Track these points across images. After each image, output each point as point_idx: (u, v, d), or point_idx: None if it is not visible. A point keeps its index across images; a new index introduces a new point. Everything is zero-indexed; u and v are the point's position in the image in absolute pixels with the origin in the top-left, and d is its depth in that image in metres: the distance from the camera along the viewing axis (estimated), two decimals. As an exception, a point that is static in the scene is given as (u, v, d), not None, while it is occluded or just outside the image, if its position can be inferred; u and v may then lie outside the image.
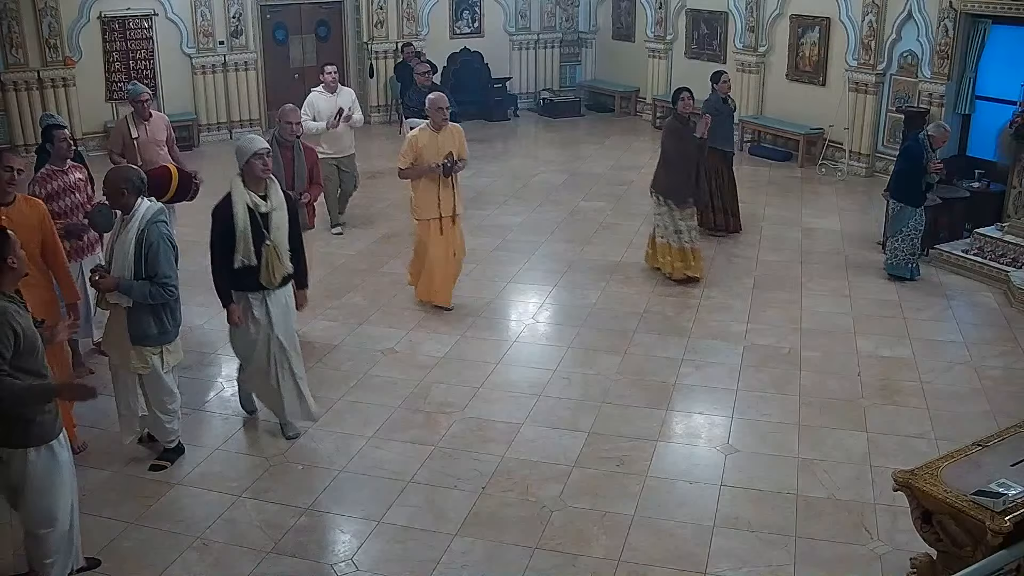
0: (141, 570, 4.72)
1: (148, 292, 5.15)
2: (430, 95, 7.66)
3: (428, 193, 7.60)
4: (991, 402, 6.44)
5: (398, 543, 4.93)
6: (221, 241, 5.53)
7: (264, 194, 5.56)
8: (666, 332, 7.59)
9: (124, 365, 5.39)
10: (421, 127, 7.60)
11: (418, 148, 7.47)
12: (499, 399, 6.50)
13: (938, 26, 11.22)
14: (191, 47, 14.38)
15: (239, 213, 5.44)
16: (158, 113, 8.73)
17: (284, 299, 5.79)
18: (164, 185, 7.25)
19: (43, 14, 13.03)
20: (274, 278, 5.60)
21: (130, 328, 5.25)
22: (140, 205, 5.19)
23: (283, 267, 5.64)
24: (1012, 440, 4.31)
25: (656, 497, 5.34)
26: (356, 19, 15.83)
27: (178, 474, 5.57)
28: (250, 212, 5.48)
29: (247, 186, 5.54)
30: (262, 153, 5.51)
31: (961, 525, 3.83)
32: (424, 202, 7.65)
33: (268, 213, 5.53)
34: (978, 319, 8.00)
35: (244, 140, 5.62)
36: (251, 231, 5.46)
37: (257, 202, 5.51)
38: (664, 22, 15.81)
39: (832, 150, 12.97)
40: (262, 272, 5.55)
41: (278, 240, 5.57)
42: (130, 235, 5.12)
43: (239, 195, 5.49)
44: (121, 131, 8.41)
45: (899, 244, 8.63)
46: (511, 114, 16.80)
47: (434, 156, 7.44)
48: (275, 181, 5.66)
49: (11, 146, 12.98)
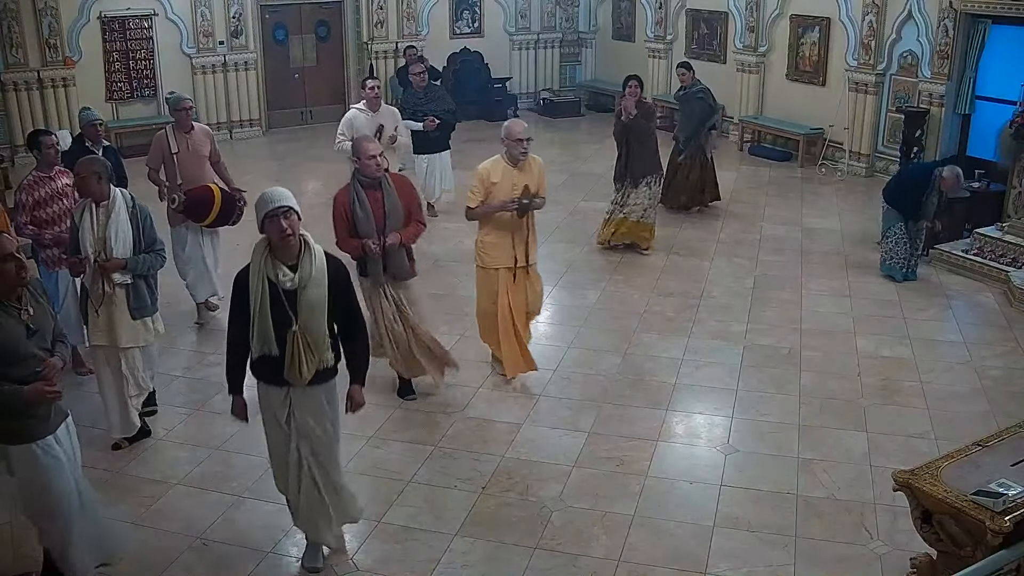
0: (141, 570, 4.72)
1: (151, 263, 5.61)
2: (507, 122, 6.47)
3: (500, 237, 6.45)
4: (991, 402, 6.44)
5: (398, 543, 4.93)
6: (238, 315, 4.42)
7: (294, 263, 4.31)
8: (666, 332, 7.59)
9: (133, 341, 5.67)
10: (495, 159, 6.41)
11: (489, 184, 6.33)
12: (499, 399, 6.50)
13: (938, 26, 11.22)
14: (191, 47, 14.38)
15: (255, 289, 4.30)
16: (200, 125, 7.94)
17: (319, 401, 4.50)
18: (206, 206, 7.20)
19: (43, 14, 13.04)
20: (301, 374, 4.35)
21: (134, 303, 5.60)
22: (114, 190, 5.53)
23: (315, 360, 4.36)
24: (1012, 440, 4.31)
25: (656, 497, 5.34)
26: (356, 19, 15.83)
27: (178, 474, 5.57)
28: (271, 287, 4.29)
29: (272, 253, 4.31)
30: (278, 213, 4.21)
31: (961, 525, 3.83)
32: (494, 247, 6.48)
33: (296, 290, 4.30)
34: (978, 319, 8.00)
35: (263, 195, 4.32)
36: (271, 313, 4.29)
37: (280, 275, 4.29)
38: (664, 22, 15.81)
39: (832, 150, 12.97)
40: (287, 365, 4.34)
41: (309, 325, 4.32)
42: (122, 216, 5.48)
43: (256, 265, 4.32)
44: (160, 146, 7.55)
45: (891, 246, 8.64)
46: (511, 114, 16.74)
47: (508, 193, 6.33)
48: (313, 247, 4.36)
49: (11, 146, 13.04)
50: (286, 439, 4.51)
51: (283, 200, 4.25)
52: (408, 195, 6.06)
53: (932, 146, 11.27)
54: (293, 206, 4.27)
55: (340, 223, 5.89)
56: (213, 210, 7.18)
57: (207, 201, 7.20)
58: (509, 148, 6.34)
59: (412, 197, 6.12)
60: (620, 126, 9.35)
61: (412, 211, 6.07)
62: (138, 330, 5.66)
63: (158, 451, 5.86)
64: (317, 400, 4.49)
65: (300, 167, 13.21)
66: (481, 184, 6.35)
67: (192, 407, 6.43)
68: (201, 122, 14.28)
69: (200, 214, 7.26)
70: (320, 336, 4.36)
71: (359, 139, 6.09)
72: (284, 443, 4.52)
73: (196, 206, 7.24)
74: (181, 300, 8.03)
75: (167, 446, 5.93)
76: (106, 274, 5.46)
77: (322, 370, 4.41)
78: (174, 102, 7.68)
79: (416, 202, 6.17)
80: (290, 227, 4.23)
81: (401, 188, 6.00)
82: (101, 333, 5.59)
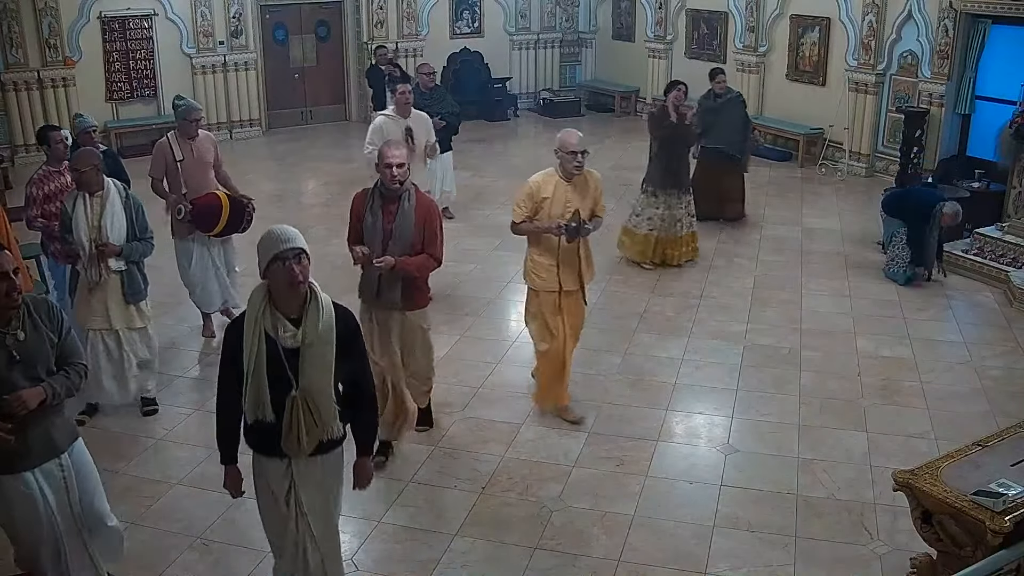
0: (141, 570, 4.72)
1: (143, 250, 5.90)
2: (561, 133, 5.88)
3: (545, 258, 5.92)
4: (991, 402, 6.44)
5: (398, 543, 4.93)
6: (229, 372, 3.78)
7: (298, 316, 3.68)
8: (666, 332, 7.59)
9: (127, 323, 5.95)
10: (547, 172, 5.87)
11: (538, 200, 5.80)
12: (499, 399, 6.50)
13: (938, 26, 11.23)
14: (191, 47, 14.37)
15: (250, 345, 3.64)
16: (204, 131, 7.52)
17: (322, 473, 3.90)
18: (214, 214, 7.03)
19: (43, 14, 13.03)
20: (300, 445, 3.74)
21: (129, 289, 5.89)
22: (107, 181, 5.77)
23: (317, 430, 3.75)
24: (1012, 440, 4.31)
25: (656, 497, 5.34)
26: (356, 19, 15.82)
27: (178, 474, 5.57)
28: (269, 343, 3.65)
29: (273, 303, 3.67)
30: (288, 256, 3.59)
31: (961, 525, 3.83)
32: (539, 268, 5.96)
33: (299, 349, 3.66)
34: (978, 319, 8.00)
35: (271, 233, 3.69)
36: (266, 374, 3.65)
37: (281, 331, 3.65)
38: (664, 22, 15.81)
39: (832, 150, 12.97)
40: (284, 435, 3.72)
41: (313, 389, 3.69)
42: (116, 207, 5.74)
43: (254, 317, 3.65)
44: (164, 154, 7.18)
45: (896, 252, 8.65)
46: (511, 114, 16.80)
47: (562, 211, 5.77)
48: (320, 297, 3.74)
49: (11, 146, 13.04)
50: (285, 519, 3.89)
51: (295, 241, 3.63)
52: (427, 221, 5.22)
53: (932, 146, 11.28)
54: (306, 248, 3.67)
55: (351, 224, 5.42)
56: (221, 218, 7.03)
57: (215, 209, 7.02)
58: (563, 161, 5.78)
59: (431, 225, 5.24)
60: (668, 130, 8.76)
61: (426, 240, 5.23)
62: (132, 313, 5.99)
63: (158, 451, 5.87)
64: (324, 470, 3.90)
65: (300, 167, 13.22)
66: (528, 199, 5.82)
67: (192, 407, 6.43)
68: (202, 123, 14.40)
69: (208, 223, 7.08)
70: (325, 402, 3.73)
71: (385, 144, 5.38)
72: (284, 522, 3.90)
73: (204, 215, 7.05)
74: (182, 300, 8.02)
75: (167, 446, 5.93)
76: (104, 260, 5.72)
77: (326, 441, 3.81)
78: (184, 111, 7.21)
79: (434, 232, 5.26)
80: (302, 274, 3.62)
81: (422, 212, 5.22)
82: (97, 318, 5.90)
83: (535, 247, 5.99)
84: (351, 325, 3.84)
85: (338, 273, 8.94)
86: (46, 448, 3.98)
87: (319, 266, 9.11)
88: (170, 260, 8.74)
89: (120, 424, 6.16)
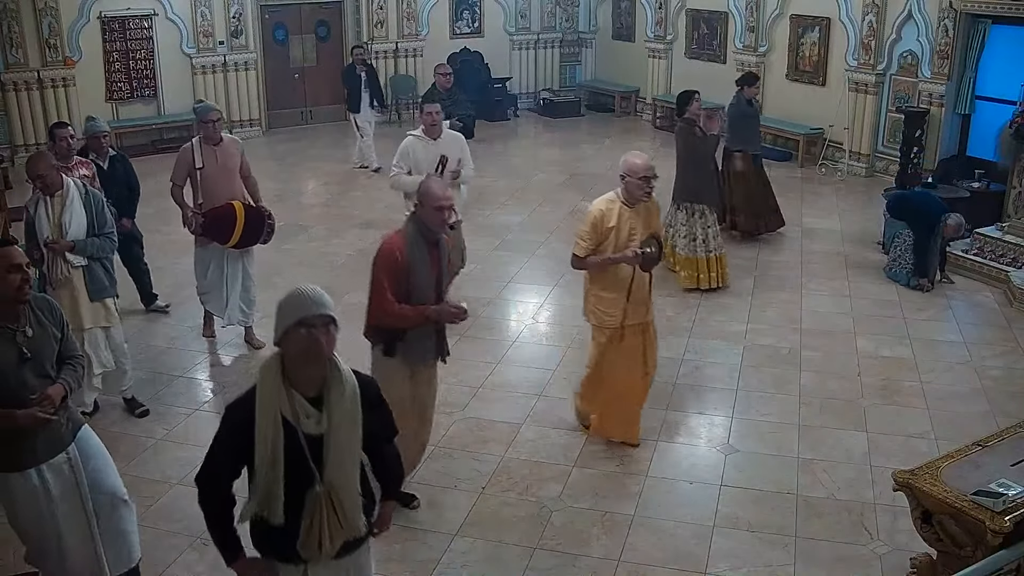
0: (141, 570, 4.71)
1: (101, 245, 5.81)
2: (628, 156, 5.42)
3: (614, 291, 5.47)
4: (991, 402, 6.44)
5: (398, 543, 4.93)
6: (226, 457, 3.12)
7: (318, 394, 3.06)
8: (666, 332, 7.57)
9: (95, 322, 5.88)
10: (608, 199, 5.44)
11: (604, 230, 5.35)
12: (499, 399, 6.49)
13: (938, 26, 11.23)
14: (191, 47, 14.38)
15: (264, 434, 2.99)
16: (229, 136, 7.21)
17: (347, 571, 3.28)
18: (227, 225, 6.73)
19: (43, 14, 13.04)
20: (322, 548, 3.11)
21: (91, 285, 5.83)
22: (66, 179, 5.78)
23: (345, 530, 3.14)
24: (1012, 440, 4.31)
25: (656, 497, 5.34)
26: (356, 19, 15.84)
27: (178, 474, 5.57)
28: (286, 428, 3.01)
29: (288, 379, 3.03)
30: (315, 323, 2.99)
31: (961, 525, 3.83)
32: (608, 303, 5.51)
33: (323, 435, 3.05)
34: (978, 319, 8.00)
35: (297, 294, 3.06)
36: (283, 465, 3.01)
37: (303, 415, 3.02)
38: (664, 22, 15.81)
39: (832, 150, 12.97)
40: (303, 536, 3.08)
41: (339, 482, 3.08)
42: (76, 203, 5.71)
43: (269, 398, 3.01)
44: (186, 160, 6.91)
45: (899, 253, 8.65)
46: (511, 114, 16.81)
47: (625, 239, 5.35)
48: (342, 368, 3.09)
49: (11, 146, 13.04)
50: None
51: (326, 306, 3.02)
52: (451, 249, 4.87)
53: (932, 146, 11.28)
54: (336, 316, 3.05)
55: (391, 282, 4.63)
56: (236, 229, 6.74)
57: (228, 220, 6.73)
58: (630, 187, 5.34)
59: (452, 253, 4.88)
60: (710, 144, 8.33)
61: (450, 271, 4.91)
62: (99, 311, 5.92)
63: (158, 451, 5.87)
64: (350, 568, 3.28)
65: (300, 167, 13.22)
66: (593, 230, 5.35)
67: (192, 407, 6.43)
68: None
69: (222, 234, 6.81)
70: (352, 496, 3.13)
71: (430, 182, 4.78)
72: None
73: (217, 226, 6.79)
74: (182, 300, 8.03)
75: (167, 446, 5.93)
76: (57, 255, 5.69)
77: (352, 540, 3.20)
78: (201, 112, 7.01)
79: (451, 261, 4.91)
80: (329, 346, 3.02)
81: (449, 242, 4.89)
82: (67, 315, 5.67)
83: (600, 281, 5.48)
84: (374, 392, 3.25)
85: (339, 272, 8.98)
86: (52, 444, 3.98)
87: (319, 266, 9.19)
88: (172, 261, 8.78)
89: (120, 424, 6.16)
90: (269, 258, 7.34)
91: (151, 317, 7.90)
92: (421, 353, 4.89)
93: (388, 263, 4.63)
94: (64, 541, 4.08)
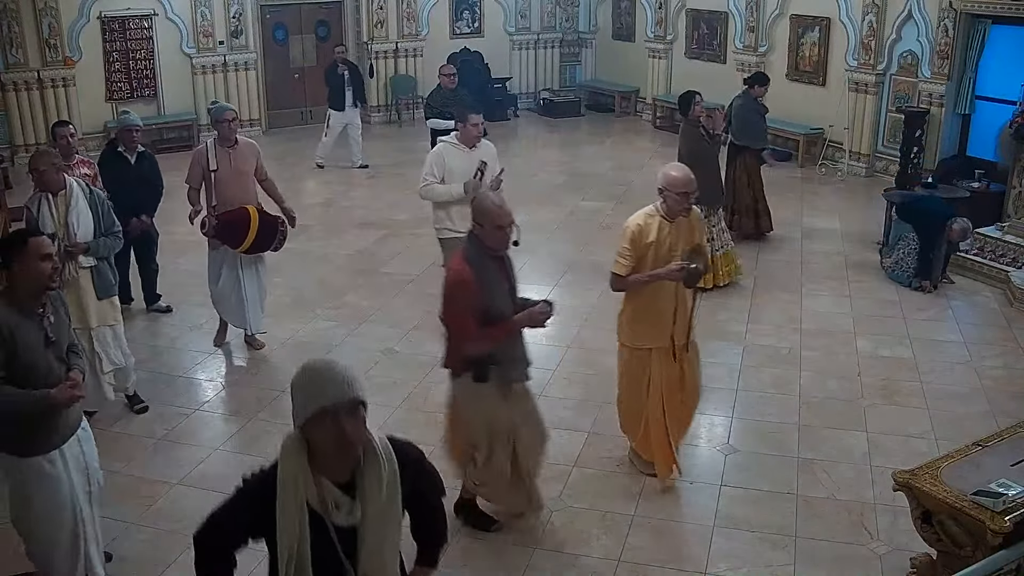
0: (141, 570, 4.72)
1: (110, 244, 5.87)
2: (667, 169, 5.12)
3: (655, 310, 5.13)
4: (991, 402, 6.44)
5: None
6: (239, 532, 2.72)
7: (350, 479, 2.62)
8: (666, 332, 7.58)
9: (102, 320, 5.91)
10: (647, 213, 5.14)
11: (643, 246, 5.06)
12: (499, 399, 6.49)
13: (938, 26, 11.23)
14: (191, 47, 14.38)
15: (288, 526, 2.56)
16: (245, 139, 7.09)
17: None
18: (240, 229, 6.69)
19: (43, 14, 13.04)
20: None
21: (99, 284, 5.86)
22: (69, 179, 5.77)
23: None
24: (1012, 440, 4.32)
25: (656, 497, 5.34)
26: (356, 19, 15.84)
27: (178, 474, 5.57)
28: (313, 519, 2.58)
29: (316, 465, 2.58)
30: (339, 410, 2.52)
31: (961, 525, 3.84)
32: (648, 322, 5.16)
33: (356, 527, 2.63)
34: (978, 319, 8.00)
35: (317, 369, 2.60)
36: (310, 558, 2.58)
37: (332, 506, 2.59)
38: (664, 22, 15.81)
39: (832, 150, 12.97)
40: None
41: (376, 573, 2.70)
42: (81, 203, 5.72)
43: (293, 486, 2.56)
44: (199, 162, 6.83)
45: (901, 255, 8.64)
46: (511, 114, 16.81)
47: (665, 255, 5.05)
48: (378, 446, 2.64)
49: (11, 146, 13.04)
50: None
51: (351, 388, 2.55)
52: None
53: (932, 146, 11.28)
54: (365, 399, 2.60)
55: (470, 311, 4.38)
56: (249, 234, 6.69)
57: (242, 225, 6.68)
58: (669, 201, 5.04)
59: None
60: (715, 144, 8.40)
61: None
62: (106, 310, 5.95)
63: (158, 451, 5.87)
64: None
65: (300, 167, 13.22)
66: (633, 246, 5.05)
67: (192, 407, 6.43)
68: (201, 122, 14.40)
69: (235, 239, 6.75)
70: None
71: (486, 200, 4.49)
72: None
73: (230, 230, 6.73)
74: (182, 300, 8.04)
75: (167, 446, 5.93)
76: (72, 258, 5.68)
77: None
78: (216, 113, 6.92)
79: None
80: (357, 434, 2.56)
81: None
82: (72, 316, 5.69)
83: (644, 300, 5.13)
84: (414, 457, 2.83)
85: (340, 273, 8.99)
86: (70, 424, 4.15)
87: (320, 266, 9.18)
88: (174, 260, 8.77)
89: (120, 424, 6.16)
90: (269, 258, 7.33)
91: (152, 317, 7.91)
92: (514, 370, 4.66)
93: (462, 293, 4.39)
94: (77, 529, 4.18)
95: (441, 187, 6.66)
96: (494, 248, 4.46)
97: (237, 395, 6.59)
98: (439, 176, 6.68)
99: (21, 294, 3.94)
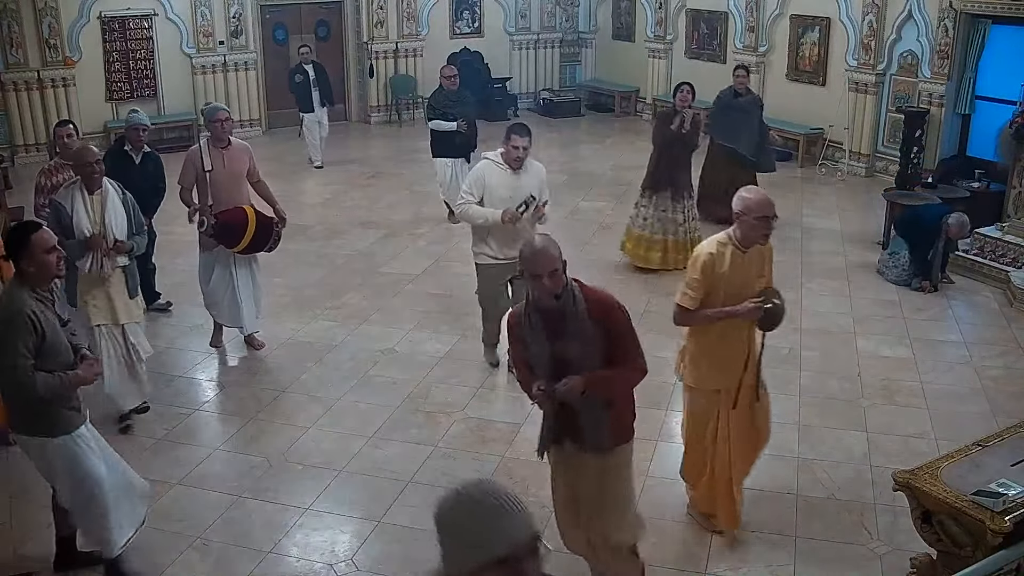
0: (141, 570, 4.71)
1: (141, 243, 6.00)
2: (747, 194, 4.52)
3: (726, 348, 4.64)
4: (991, 402, 6.44)
5: (398, 543, 4.93)
6: None
7: None
8: (666, 332, 7.55)
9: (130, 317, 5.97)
10: (719, 240, 4.57)
11: (714, 276, 4.51)
12: (499, 399, 6.50)
13: (938, 26, 11.23)
14: (191, 47, 14.38)
15: None
16: (238, 140, 7.06)
17: None
18: (238, 230, 6.73)
19: (43, 14, 13.04)
20: None
21: (130, 282, 5.95)
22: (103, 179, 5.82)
23: None
24: (1012, 440, 4.31)
25: (656, 497, 5.33)
26: (356, 19, 15.83)
27: (178, 474, 5.57)
28: None
29: None
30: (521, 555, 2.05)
31: (961, 525, 3.83)
32: (717, 362, 4.66)
33: None
34: (978, 319, 8.00)
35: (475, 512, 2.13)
36: None
37: None
38: (664, 22, 15.82)
39: (832, 150, 12.97)
40: None
41: None
42: (116, 202, 5.77)
43: None
44: (193, 163, 6.78)
45: (900, 260, 8.63)
46: (511, 114, 16.77)
47: (739, 289, 4.53)
48: None
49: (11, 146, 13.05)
50: None
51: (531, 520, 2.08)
52: (611, 322, 3.85)
53: (932, 146, 11.28)
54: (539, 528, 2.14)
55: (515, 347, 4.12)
56: (246, 235, 6.72)
57: (240, 225, 6.70)
58: (745, 228, 4.49)
59: (618, 325, 3.88)
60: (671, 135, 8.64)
61: (620, 346, 3.90)
62: (132, 307, 6.04)
63: (158, 451, 5.87)
64: None
65: (300, 167, 13.22)
66: (704, 277, 4.49)
67: (192, 407, 6.43)
68: (201, 122, 14.38)
69: (232, 239, 6.77)
70: None
71: (531, 248, 3.78)
72: None
73: (228, 231, 6.75)
74: (181, 300, 8.03)
75: (167, 446, 5.93)
76: (111, 257, 5.75)
77: None
78: (209, 113, 6.89)
79: (625, 333, 3.91)
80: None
81: (599, 312, 3.84)
82: (102, 312, 5.89)
83: (710, 337, 4.62)
84: None
85: (340, 273, 8.98)
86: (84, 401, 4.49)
87: (320, 266, 9.18)
88: (173, 261, 8.77)
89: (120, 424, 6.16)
90: (268, 258, 7.34)
91: (151, 316, 7.87)
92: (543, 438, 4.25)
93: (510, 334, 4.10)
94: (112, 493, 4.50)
95: (478, 209, 6.23)
96: (539, 298, 3.82)
97: (237, 395, 6.59)
98: (478, 196, 6.23)
99: (33, 283, 4.18)
